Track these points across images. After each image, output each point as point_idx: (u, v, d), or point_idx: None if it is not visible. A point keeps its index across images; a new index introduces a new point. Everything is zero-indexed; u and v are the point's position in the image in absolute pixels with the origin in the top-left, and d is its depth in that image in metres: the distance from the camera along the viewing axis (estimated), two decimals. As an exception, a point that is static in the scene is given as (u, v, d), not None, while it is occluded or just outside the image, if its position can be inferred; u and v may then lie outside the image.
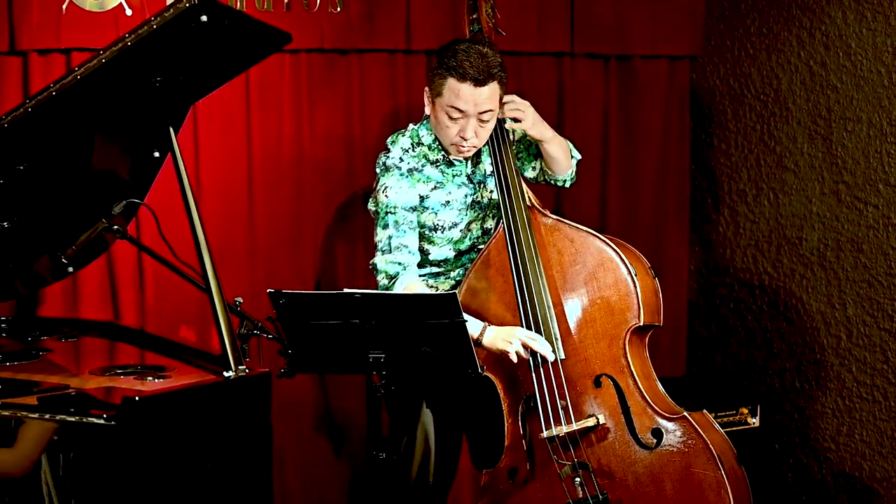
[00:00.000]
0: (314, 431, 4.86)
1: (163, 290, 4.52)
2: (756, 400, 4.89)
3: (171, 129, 3.62)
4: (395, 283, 3.87)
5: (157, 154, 3.78)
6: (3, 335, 4.06)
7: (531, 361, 3.83)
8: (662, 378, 3.96)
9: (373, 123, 4.80)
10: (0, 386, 3.34)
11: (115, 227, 3.73)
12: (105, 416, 3.10)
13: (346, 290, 3.38)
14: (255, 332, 3.66)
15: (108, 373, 3.53)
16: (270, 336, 3.67)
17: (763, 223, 5.12)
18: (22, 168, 3.53)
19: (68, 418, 3.11)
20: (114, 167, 3.83)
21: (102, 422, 3.09)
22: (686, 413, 3.79)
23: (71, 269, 3.86)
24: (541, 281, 3.87)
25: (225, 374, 3.41)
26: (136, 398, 3.13)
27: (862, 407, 4.80)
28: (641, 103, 5.23)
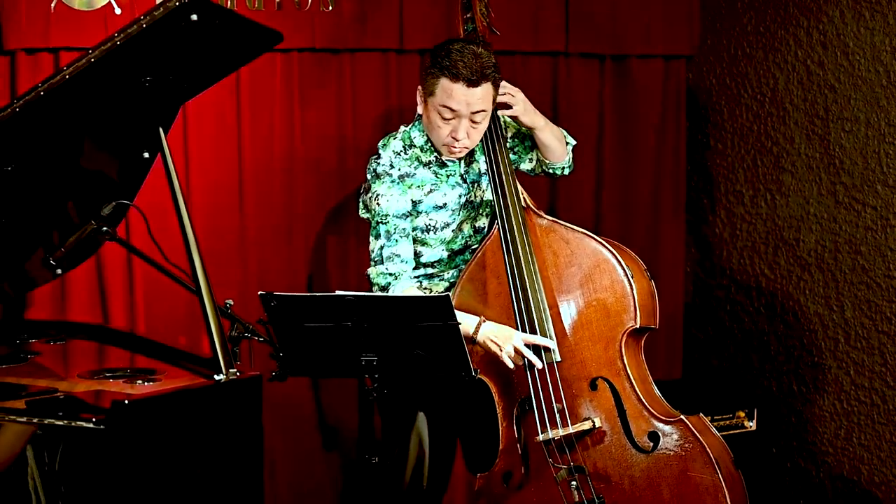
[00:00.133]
0: (306, 435, 4.86)
1: (152, 293, 4.52)
2: (753, 403, 4.89)
3: (161, 130, 3.62)
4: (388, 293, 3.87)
5: (146, 155, 3.77)
6: (-10, 338, 4.05)
7: (526, 363, 3.83)
8: (658, 381, 3.96)
9: (365, 124, 4.80)
10: (-13, 389, 3.34)
11: (105, 228, 3.72)
12: (94, 420, 3.09)
13: (338, 293, 3.38)
14: (245, 334, 3.66)
15: (98, 376, 3.53)
16: (261, 339, 3.67)
17: (760, 224, 5.12)
18: (9, 169, 3.52)
19: (57, 422, 3.10)
20: (103, 168, 3.83)
21: (91, 426, 3.09)
22: (683, 416, 3.79)
23: (59, 271, 3.85)
24: (536, 283, 3.87)
25: (215, 377, 3.41)
26: (126, 402, 3.13)
27: (860, 410, 4.80)
28: (637, 103, 5.23)
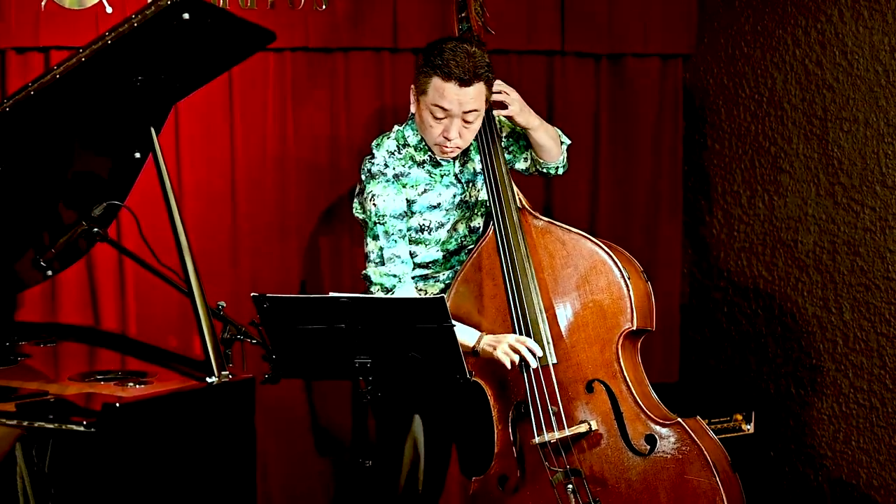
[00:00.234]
0: (299, 438, 4.85)
1: (144, 294, 4.52)
2: (751, 406, 4.89)
3: (153, 130, 3.62)
4: (391, 295, 3.86)
5: (137, 155, 3.77)
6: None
7: (522, 366, 3.82)
8: (655, 383, 3.96)
9: (359, 123, 4.80)
10: (-23, 392, 3.34)
11: (95, 229, 3.72)
12: (85, 423, 3.08)
13: (331, 294, 3.38)
14: (238, 336, 3.65)
15: (88, 378, 3.52)
16: (254, 341, 3.66)
17: (757, 225, 5.12)
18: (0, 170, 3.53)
19: (47, 425, 3.09)
20: (94, 168, 3.82)
21: (82, 429, 3.08)
22: (680, 419, 3.79)
23: (50, 272, 3.84)
24: (532, 284, 3.87)
25: (207, 379, 3.40)
26: (117, 405, 3.12)
27: (859, 413, 4.80)
28: (633, 103, 5.23)
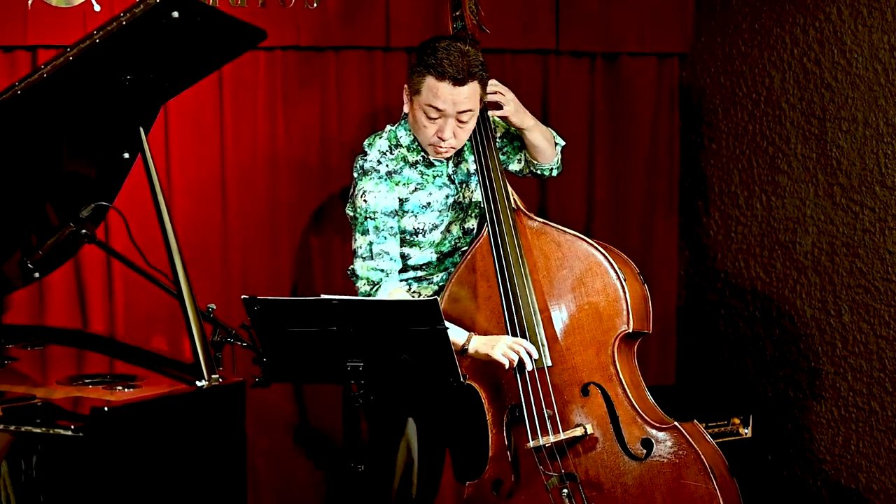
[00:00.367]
0: (290, 443, 4.85)
1: (133, 297, 4.52)
2: (748, 410, 4.90)
3: (142, 130, 3.61)
4: (377, 290, 3.86)
5: (126, 155, 3.76)
6: (-35, 344, 4.04)
7: (516, 369, 3.83)
8: (651, 387, 3.97)
9: (350, 123, 4.80)
10: (-38, 396, 3.33)
11: (84, 230, 3.72)
12: (73, 427, 3.08)
13: (323, 297, 3.38)
14: (228, 339, 3.65)
15: (76, 382, 3.52)
16: (245, 344, 3.66)
17: (755, 226, 5.12)
18: (-14, 170, 3.53)
19: (34, 430, 3.09)
20: (82, 169, 3.82)
21: (70, 433, 3.08)
22: (676, 423, 3.80)
23: (37, 274, 3.84)
24: (527, 286, 3.87)
25: (197, 383, 3.40)
26: (105, 409, 3.12)
27: (858, 417, 4.80)
28: (629, 103, 5.24)
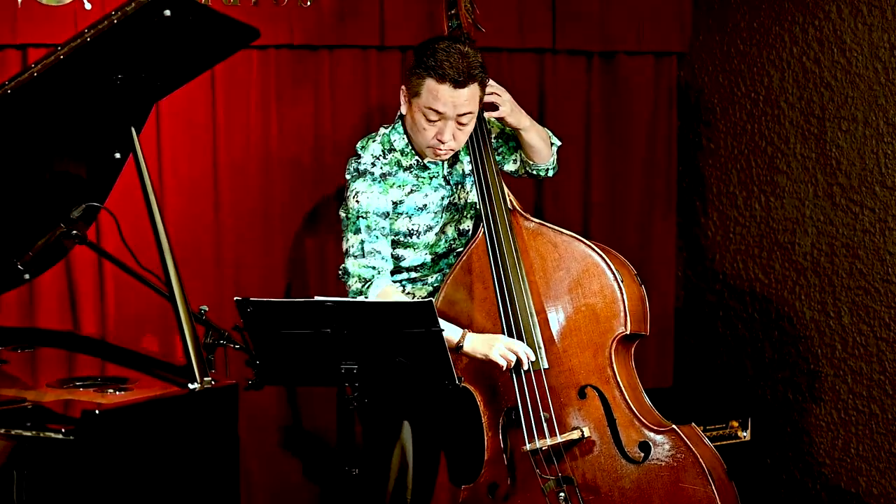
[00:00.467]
0: (283, 446, 4.85)
1: (124, 298, 4.52)
2: (747, 412, 4.90)
3: (133, 129, 3.61)
4: (369, 287, 3.86)
5: (118, 155, 3.76)
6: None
7: (512, 371, 3.83)
8: (649, 389, 3.97)
9: (344, 122, 4.80)
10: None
11: (74, 231, 3.71)
12: (63, 430, 3.08)
13: (317, 298, 3.37)
14: (221, 341, 3.65)
15: (67, 385, 3.52)
16: (237, 346, 3.66)
17: (754, 227, 5.13)
18: (-25, 170, 3.53)
19: (24, 433, 3.09)
20: (72, 169, 3.81)
21: (60, 437, 3.07)
22: (674, 426, 3.80)
23: (27, 276, 3.84)
24: (523, 287, 3.87)
25: (189, 386, 3.39)
26: (96, 412, 3.11)
27: (858, 420, 4.81)
28: (626, 102, 5.24)
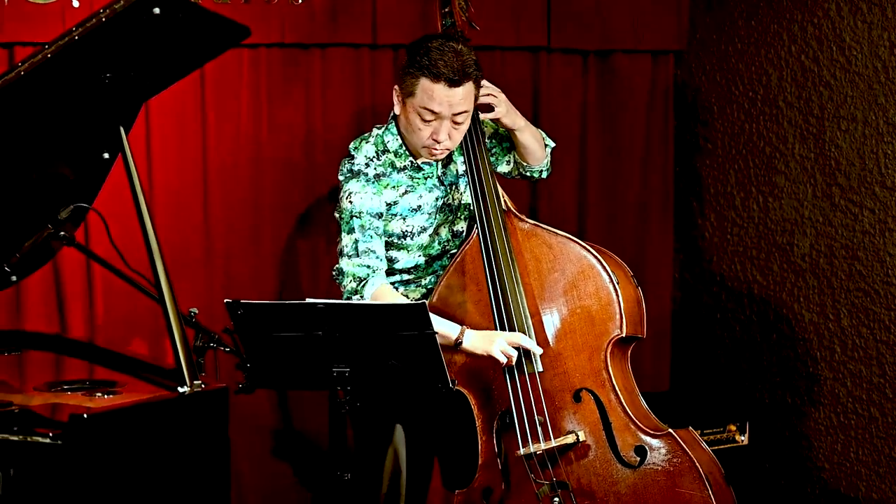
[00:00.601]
0: (274, 450, 4.85)
1: (113, 301, 4.52)
2: (745, 416, 4.90)
3: (122, 129, 3.61)
4: (364, 286, 3.85)
5: (106, 155, 3.76)
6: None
7: (507, 374, 3.83)
8: (645, 392, 3.97)
9: (336, 122, 4.80)
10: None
11: (62, 233, 3.72)
12: (51, 434, 3.08)
13: (308, 300, 3.37)
14: (211, 344, 3.66)
15: (55, 388, 3.52)
16: (228, 349, 3.66)
17: (752, 228, 5.13)
18: (-39, 170, 3.53)
19: (11, 437, 3.09)
20: (60, 169, 3.81)
21: (48, 441, 3.08)
22: (671, 430, 3.80)
23: (14, 278, 3.84)
24: (517, 289, 3.87)
25: (179, 389, 3.40)
26: (85, 416, 3.12)
27: (857, 423, 4.81)
28: (622, 101, 5.24)
